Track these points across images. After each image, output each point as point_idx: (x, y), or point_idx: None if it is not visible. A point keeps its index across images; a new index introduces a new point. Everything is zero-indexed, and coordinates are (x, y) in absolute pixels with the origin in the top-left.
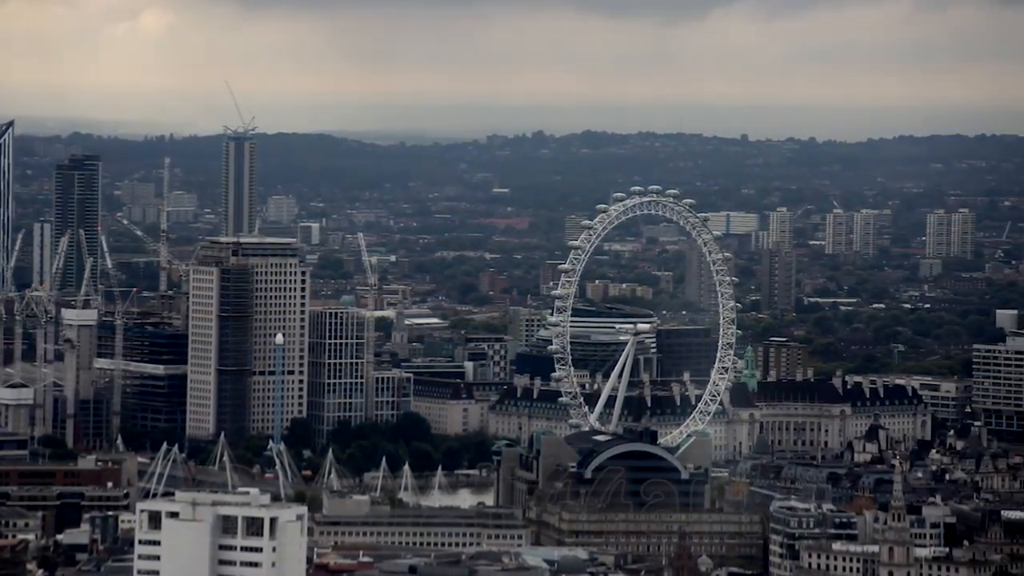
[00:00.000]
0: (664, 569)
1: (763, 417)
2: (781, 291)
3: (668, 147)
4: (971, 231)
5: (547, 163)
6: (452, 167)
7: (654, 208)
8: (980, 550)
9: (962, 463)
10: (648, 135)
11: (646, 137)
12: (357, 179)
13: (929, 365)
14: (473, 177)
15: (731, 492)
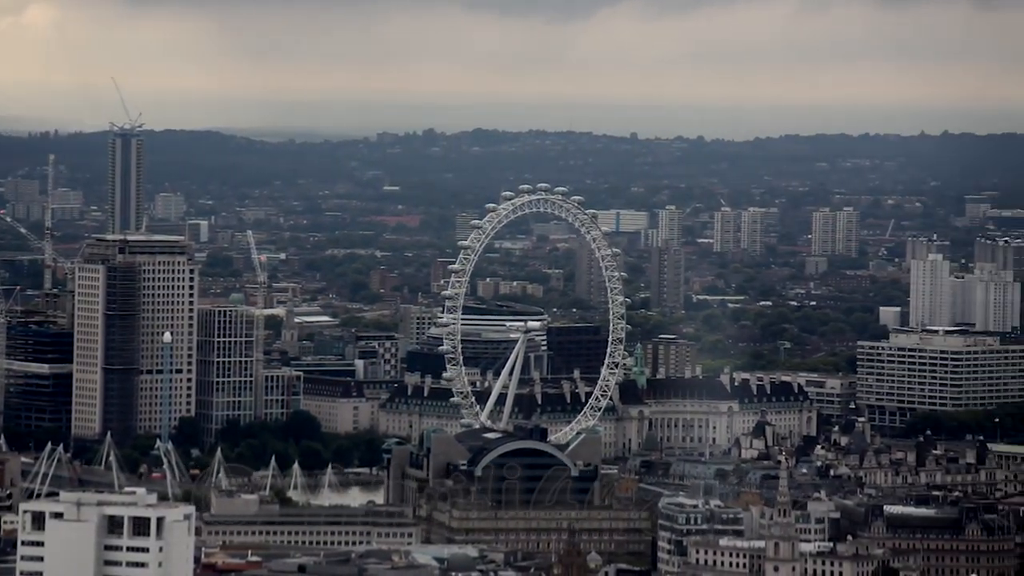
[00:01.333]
0: (553, 566)
1: (652, 414)
2: (670, 289)
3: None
4: (855, 229)
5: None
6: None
7: (543, 206)
8: (863, 545)
9: (846, 459)
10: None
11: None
12: (246, 176)
13: (815, 362)
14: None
15: (620, 489)
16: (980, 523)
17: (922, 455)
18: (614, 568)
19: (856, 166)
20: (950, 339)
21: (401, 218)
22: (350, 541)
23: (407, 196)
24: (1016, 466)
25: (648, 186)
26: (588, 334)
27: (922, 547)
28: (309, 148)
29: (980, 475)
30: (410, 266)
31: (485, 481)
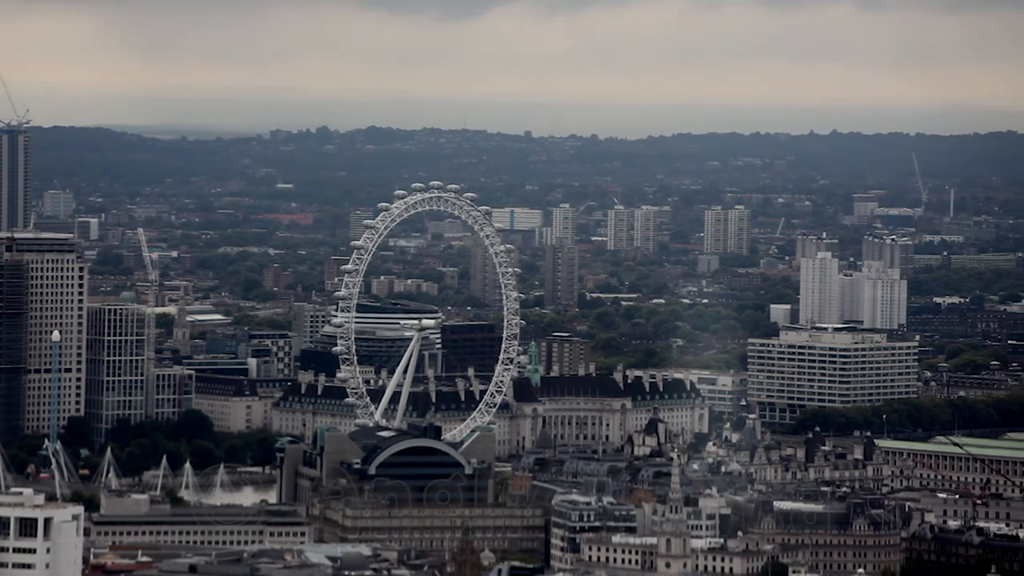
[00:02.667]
0: (447, 564)
1: (546, 412)
2: (564, 287)
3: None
4: (746, 227)
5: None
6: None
7: (437, 204)
8: (753, 540)
9: (737, 455)
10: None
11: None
12: (137, 174)
13: (706, 359)
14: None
15: (514, 486)
16: (867, 518)
17: (811, 451)
18: (507, 565)
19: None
20: (838, 336)
21: (294, 216)
22: (242, 540)
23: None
24: (902, 462)
25: (542, 184)
26: (482, 332)
27: (810, 542)
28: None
29: (867, 471)
30: (303, 264)
31: (379, 480)
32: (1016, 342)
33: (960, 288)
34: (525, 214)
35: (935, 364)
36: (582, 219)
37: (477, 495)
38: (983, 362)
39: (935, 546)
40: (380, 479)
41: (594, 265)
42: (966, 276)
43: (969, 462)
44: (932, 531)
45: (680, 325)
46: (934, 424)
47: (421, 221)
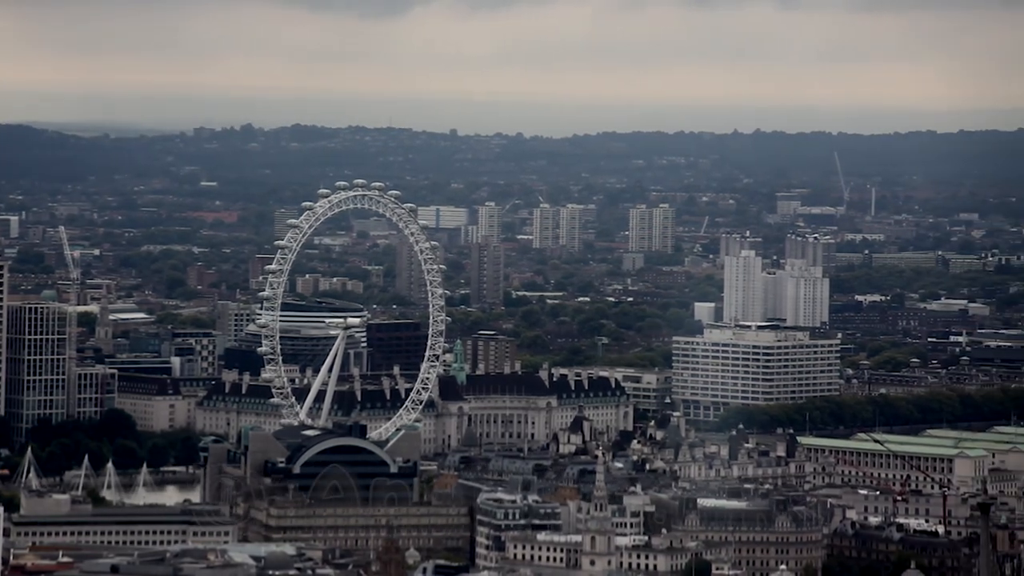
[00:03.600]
0: (372, 563)
1: (472, 410)
2: (489, 285)
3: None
4: (671, 226)
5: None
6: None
7: (362, 202)
8: (677, 538)
9: (662, 453)
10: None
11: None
12: (59, 171)
13: (631, 357)
14: (180, 170)
15: (439, 485)
16: (789, 515)
17: (734, 449)
18: (432, 564)
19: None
20: (762, 334)
21: (219, 214)
22: (165, 540)
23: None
24: (824, 459)
25: (468, 182)
26: (408, 330)
27: (734, 539)
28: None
29: (790, 468)
30: (228, 262)
31: (303, 478)
32: (936, 340)
33: (881, 286)
34: (451, 212)
35: (857, 362)
36: (507, 217)
37: (402, 494)
38: (904, 360)
39: (856, 542)
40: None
41: (519, 263)
42: (887, 274)
43: (889, 459)
44: (853, 527)
45: (605, 323)
46: (855, 421)
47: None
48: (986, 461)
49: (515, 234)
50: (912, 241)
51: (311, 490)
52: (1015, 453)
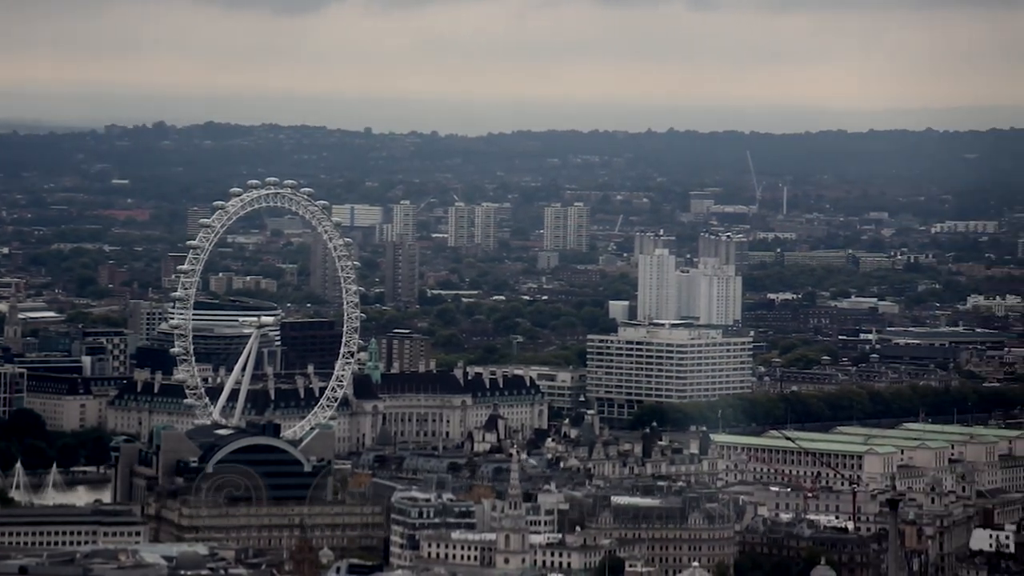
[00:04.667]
0: (285, 562)
1: (386, 409)
2: (404, 283)
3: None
4: (586, 224)
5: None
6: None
7: (274, 200)
8: (591, 535)
9: (576, 451)
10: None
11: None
12: None
13: (546, 356)
14: (91, 168)
15: (353, 484)
16: (702, 512)
17: (648, 446)
18: (346, 563)
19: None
20: (675, 332)
21: (130, 212)
22: (75, 541)
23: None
24: (736, 456)
25: (382, 181)
26: (322, 329)
27: (647, 536)
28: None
29: (703, 465)
30: (140, 261)
31: (216, 478)
32: (846, 338)
33: (793, 284)
34: (365, 211)
35: (769, 359)
36: (423, 216)
37: (316, 493)
38: (815, 357)
39: (767, 539)
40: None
41: (435, 262)
42: (798, 272)
43: (801, 456)
44: (764, 524)
45: (520, 322)
46: (767, 419)
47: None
48: (895, 458)
49: (430, 232)
50: (823, 240)
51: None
52: (923, 450)
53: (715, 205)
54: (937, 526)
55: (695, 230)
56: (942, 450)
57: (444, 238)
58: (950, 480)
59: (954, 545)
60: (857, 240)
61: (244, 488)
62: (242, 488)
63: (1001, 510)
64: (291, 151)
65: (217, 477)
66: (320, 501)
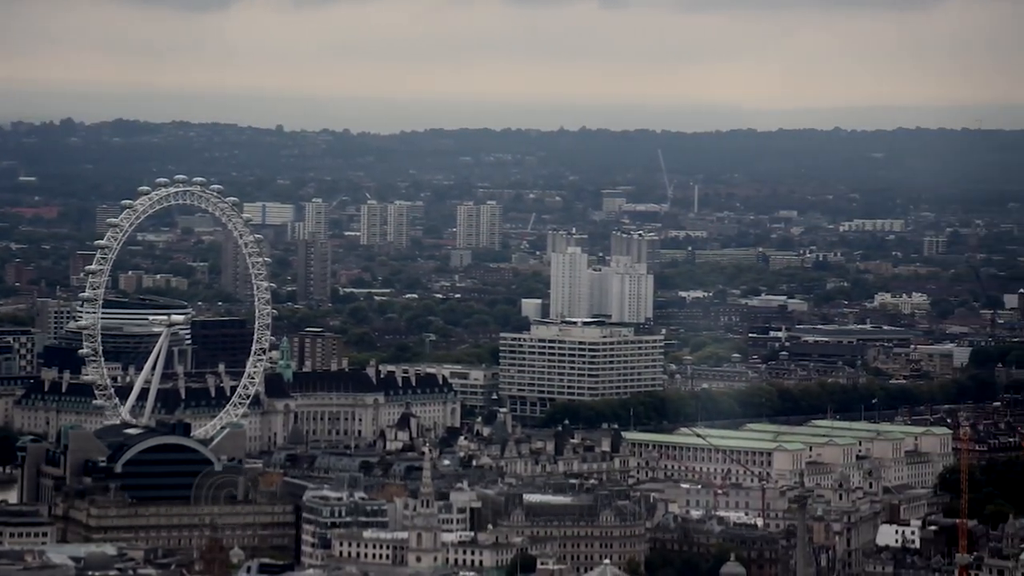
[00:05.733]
0: (195, 562)
1: (298, 407)
2: (317, 282)
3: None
4: (498, 223)
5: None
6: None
7: (184, 198)
8: (503, 533)
9: (488, 449)
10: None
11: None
12: None
13: (459, 354)
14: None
15: (265, 483)
16: (613, 510)
17: (560, 444)
18: (256, 563)
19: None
20: (587, 330)
21: (38, 210)
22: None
23: (44, 187)
24: (648, 453)
25: (294, 179)
26: (234, 327)
27: (559, 534)
28: None
29: (615, 463)
30: (47, 259)
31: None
32: (756, 335)
33: (704, 282)
34: (277, 209)
35: (680, 357)
36: (335, 214)
37: (226, 492)
38: (725, 355)
39: (678, 535)
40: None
41: (347, 260)
42: (709, 271)
43: (711, 453)
44: (675, 521)
45: (433, 320)
46: (678, 416)
47: (171, 216)
48: (803, 455)
49: (342, 231)
50: (734, 238)
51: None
52: (831, 446)
53: (627, 203)
54: (844, 522)
55: (607, 228)
56: (850, 447)
57: (356, 236)
58: (857, 476)
59: (861, 541)
60: (767, 238)
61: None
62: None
63: (907, 506)
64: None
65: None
66: (231, 500)
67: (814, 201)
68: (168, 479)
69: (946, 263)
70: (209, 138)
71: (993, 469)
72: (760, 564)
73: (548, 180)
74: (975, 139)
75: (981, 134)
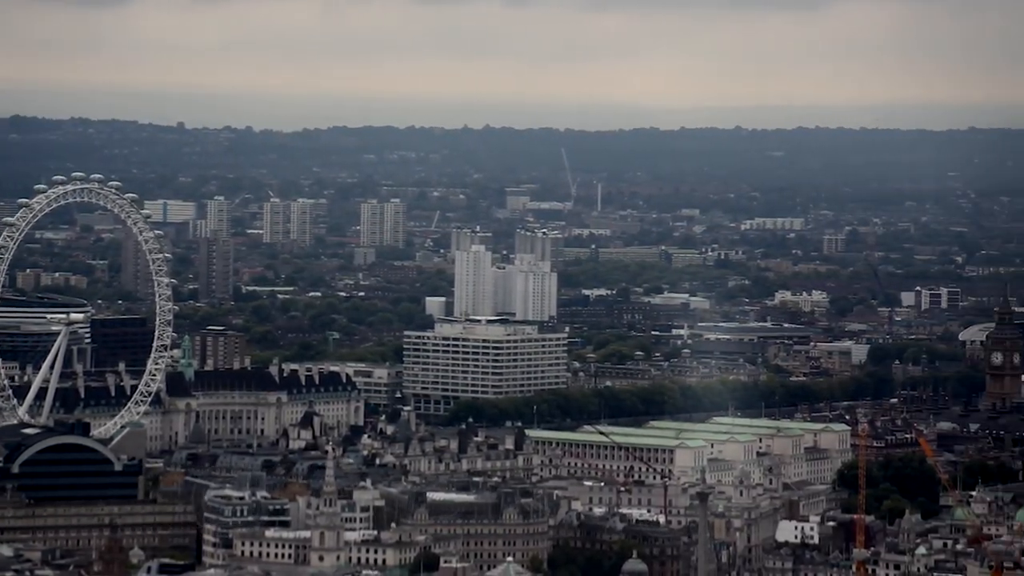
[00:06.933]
0: (94, 563)
1: (200, 406)
2: (219, 280)
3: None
4: (402, 221)
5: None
6: None
7: (82, 195)
8: (406, 532)
9: (392, 447)
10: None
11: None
12: None
13: (363, 352)
14: None
15: (165, 483)
16: (517, 507)
17: (464, 442)
18: (157, 563)
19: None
20: (492, 328)
21: None
22: None
23: None
24: (551, 451)
25: (196, 176)
26: (134, 326)
27: (462, 532)
28: None
29: (518, 460)
30: None
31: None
32: (659, 333)
33: (607, 280)
34: (179, 206)
35: (583, 355)
36: (237, 212)
37: (126, 492)
38: (628, 353)
39: (580, 533)
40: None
41: (250, 258)
42: (612, 269)
43: (614, 450)
44: (578, 519)
45: (336, 318)
46: (582, 414)
47: (70, 213)
48: (705, 451)
49: (245, 229)
50: (637, 236)
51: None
52: (732, 443)
53: (531, 202)
54: (745, 518)
55: (511, 226)
56: (750, 444)
57: (259, 234)
58: (758, 473)
59: (761, 537)
60: (669, 237)
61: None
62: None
63: (806, 502)
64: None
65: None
66: (131, 500)
67: (716, 200)
68: (66, 479)
69: (845, 261)
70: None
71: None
72: (662, 561)
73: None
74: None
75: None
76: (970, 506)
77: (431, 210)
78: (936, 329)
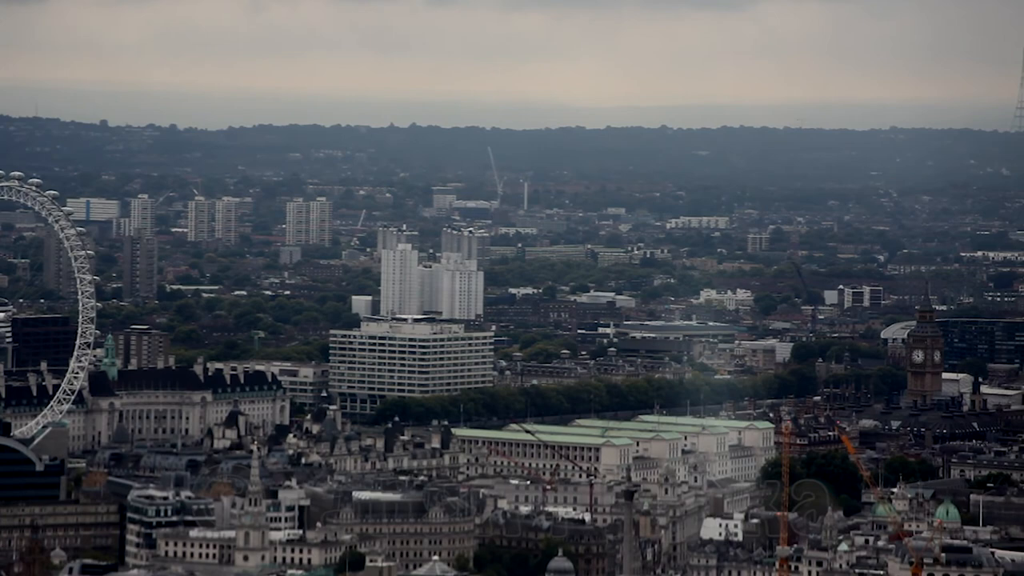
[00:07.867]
0: (15, 564)
1: (123, 406)
2: (143, 278)
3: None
4: (328, 219)
5: None
6: None
7: (3, 193)
8: (332, 531)
9: (318, 446)
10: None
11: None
12: None
13: (288, 351)
14: None
15: (88, 483)
16: (443, 506)
17: (390, 441)
18: (79, 563)
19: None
20: (418, 327)
21: None
22: None
23: None
24: (477, 449)
25: (120, 174)
26: (56, 325)
27: (388, 531)
28: None
29: (444, 459)
30: None
31: None
32: (585, 331)
33: (534, 279)
34: (102, 205)
35: (510, 353)
36: (161, 210)
37: (48, 492)
38: (555, 351)
39: (506, 531)
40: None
41: (174, 256)
42: (539, 267)
43: (540, 448)
44: (504, 517)
45: (262, 317)
46: (508, 412)
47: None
48: (631, 449)
49: (169, 227)
50: (563, 235)
51: None
52: (658, 441)
53: (457, 200)
54: (670, 516)
55: (437, 225)
56: (675, 442)
57: (184, 232)
58: (683, 471)
59: (686, 534)
60: (596, 235)
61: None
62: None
63: (731, 499)
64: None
65: None
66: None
67: (641, 198)
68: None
69: (769, 260)
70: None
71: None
72: (588, 559)
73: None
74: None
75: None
76: (891, 503)
77: (357, 209)
78: (858, 327)
